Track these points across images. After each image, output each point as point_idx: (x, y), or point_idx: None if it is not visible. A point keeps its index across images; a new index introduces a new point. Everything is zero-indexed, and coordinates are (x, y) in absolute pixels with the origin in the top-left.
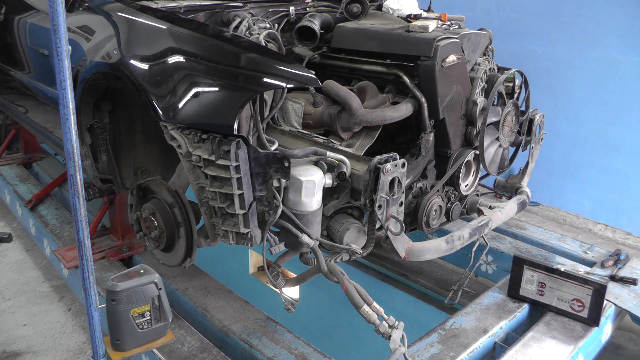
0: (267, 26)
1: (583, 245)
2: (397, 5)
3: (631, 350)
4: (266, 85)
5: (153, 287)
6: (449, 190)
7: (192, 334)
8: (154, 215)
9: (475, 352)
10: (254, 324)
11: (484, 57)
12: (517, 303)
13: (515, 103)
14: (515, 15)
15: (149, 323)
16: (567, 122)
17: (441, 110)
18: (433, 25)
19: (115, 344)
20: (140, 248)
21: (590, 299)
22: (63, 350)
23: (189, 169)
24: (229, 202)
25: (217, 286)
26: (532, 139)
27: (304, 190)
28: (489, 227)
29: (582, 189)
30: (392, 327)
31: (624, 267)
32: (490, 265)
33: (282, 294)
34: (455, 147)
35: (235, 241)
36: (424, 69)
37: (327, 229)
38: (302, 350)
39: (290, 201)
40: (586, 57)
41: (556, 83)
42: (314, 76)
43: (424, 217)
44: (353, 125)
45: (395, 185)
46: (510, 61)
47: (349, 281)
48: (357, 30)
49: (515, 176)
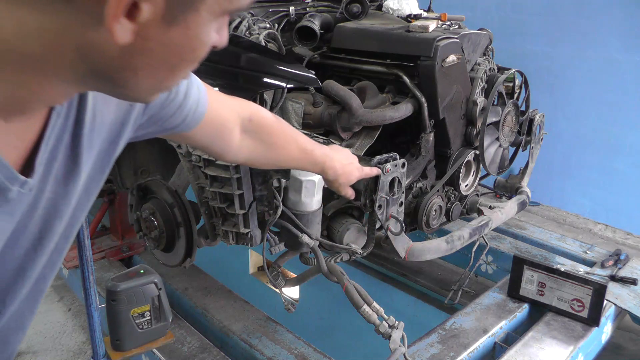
0: (267, 26)
1: (583, 245)
2: (397, 5)
3: (631, 350)
4: (266, 85)
5: (153, 287)
6: (449, 190)
7: (192, 334)
8: (154, 215)
9: (475, 352)
10: (254, 324)
11: (484, 57)
12: (517, 303)
13: (515, 103)
14: (515, 15)
15: (149, 323)
16: (567, 122)
17: (441, 110)
18: (433, 25)
19: (115, 344)
20: (140, 248)
21: (590, 299)
22: (63, 350)
23: (189, 169)
24: (228, 202)
25: (217, 286)
26: (532, 139)
27: (304, 190)
28: (489, 227)
29: (582, 189)
30: (392, 327)
31: (624, 267)
32: (490, 265)
33: (282, 294)
34: (455, 147)
35: (235, 241)
36: (424, 69)
37: (327, 229)
38: (302, 350)
39: (290, 201)
40: (586, 57)
41: (556, 83)
42: (314, 76)
43: (424, 217)
44: (353, 125)
45: (395, 185)
46: (510, 61)
47: (349, 281)
48: (357, 30)
49: (515, 176)
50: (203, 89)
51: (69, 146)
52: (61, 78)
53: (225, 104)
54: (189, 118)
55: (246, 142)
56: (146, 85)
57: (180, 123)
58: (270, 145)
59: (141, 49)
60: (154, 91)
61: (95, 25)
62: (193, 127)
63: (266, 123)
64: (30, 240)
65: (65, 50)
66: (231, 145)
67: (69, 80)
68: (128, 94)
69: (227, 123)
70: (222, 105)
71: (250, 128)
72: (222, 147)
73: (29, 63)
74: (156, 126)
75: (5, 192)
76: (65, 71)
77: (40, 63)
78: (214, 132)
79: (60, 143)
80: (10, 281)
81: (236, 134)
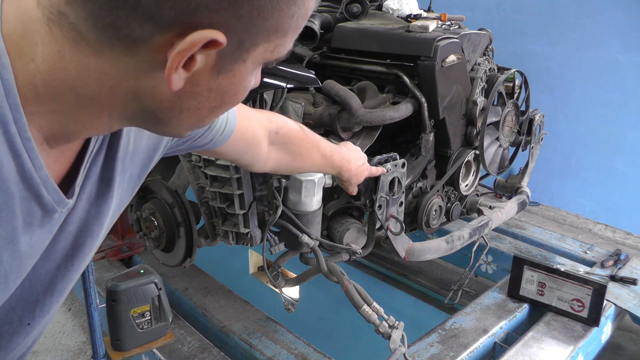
0: None
1: (583, 245)
2: (397, 5)
3: (631, 350)
4: (266, 85)
5: (153, 287)
6: (449, 190)
7: (192, 334)
8: (154, 215)
9: (475, 352)
10: (254, 324)
11: (484, 57)
12: (517, 303)
13: (515, 103)
14: (515, 15)
15: (149, 323)
16: (567, 122)
17: (441, 110)
18: (433, 25)
19: (115, 344)
20: (140, 248)
21: (590, 299)
22: (63, 350)
23: (189, 169)
24: (228, 202)
25: (217, 286)
26: (532, 139)
27: (304, 190)
28: (489, 227)
29: (582, 189)
30: (392, 327)
31: (624, 267)
32: (490, 265)
33: (282, 294)
34: (455, 147)
35: (235, 241)
36: (424, 69)
37: (327, 229)
38: (302, 350)
39: (290, 201)
40: (586, 57)
41: (556, 83)
42: (314, 76)
43: (424, 217)
44: (353, 125)
45: (395, 185)
46: (510, 61)
47: (349, 281)
48: (357, 30)
49: (515, 176)
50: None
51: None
52: (111, 115)
53: (253, 118)
54: (217, 137)
55: (274, 154)
56: (187, 124)
57: (208, 142)
58: (296, 154)
59: (190, 93)
60: (192, 128)
61: (152, 72)
62: (221, 144)
63: (292, 134)
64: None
65: (120, 92)
66: (259, 157)
67: (117, 117)
68: (168, 131)
69: (255, 137)
70: (250, 121)
71: (277, 140)
72: (251, 160)
73: (86, 101)
74: (185, 145)
75: (52, 214)
76: (116, 110)
77: (95, 101)
78: (243, 146)
79: (95, 166)
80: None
81: (264, 147)
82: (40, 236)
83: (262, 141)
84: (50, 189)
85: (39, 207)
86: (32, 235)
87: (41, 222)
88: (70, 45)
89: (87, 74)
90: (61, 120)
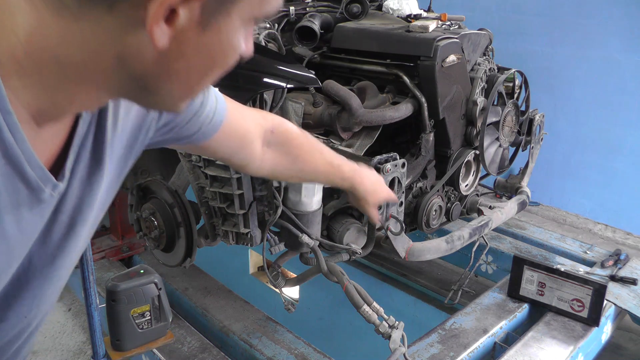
0: (267, 26)
1: (583, 245)
2: (397, 5)
3: (631, 350)
4: (266, 85)
5: (153, 287)
6: (449, 190)
7: (192, 334)
8: (154, 215)
9: (475, 352)
10: (254, 324)
11: (484, 57)
12: (517, 303)
13: (515, 103)
14: (515, 15)
15: (149, 323)
16: (567, 122)
17: (441, 110)
18: (433, 25)
19: (115, 344)
20: (140, 248)
21: (590, 299)
22: (63, 350)
23: (189, 169)
24: (229, 202)
25: (217, 286)
26: (532, 139)
27: (304, 190)
28: (489, 227)
29: (582, 189)
30: (392, 327)
31: (624, 267)
32: (490, 265)
33: (282, 294)
34: (455, 147)
35: (235, 241)
36: (424, 69)
37: (327, 229)
38: (302, 350)
39: (290, 201)
40: (586, 57)
41: (556, 83)
42: (314, 76)
43: (424, 217)
44: (353, 125)
45: (395, 185)
46: (510, 61)
47: (349, 281)
48: (357, 30)
49: (515, 176)
50: (221, 100)
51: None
52: (99, 85)
53: (245, 115)
54: (205, 126)
55: (269, 154)
56: (178, 92)
57: (196, 131)
58: (294, 157)
59: (177, 53)
60: (184, 98)
61: (135, 30)
62: (210, 136)
63: (289, 135)
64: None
65: (106, 57)
66: (253, 157)
67: (105, 88)
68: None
69: (247, 134)
70: (242, 117)
71: (273, 140)
72: (244, 159)
73: (71, 70)
74: (173, 133)
75: (39, 193)
76: (103, 78)
77: (81, 70)
78: (234, 143)
79: (84, 149)
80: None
81: (258, 146)
82: (31, 220)
83: (255, 139)
84: (34, 164)
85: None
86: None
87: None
88: (50, 13)
89: (70, 41)
90: (48, 94)
